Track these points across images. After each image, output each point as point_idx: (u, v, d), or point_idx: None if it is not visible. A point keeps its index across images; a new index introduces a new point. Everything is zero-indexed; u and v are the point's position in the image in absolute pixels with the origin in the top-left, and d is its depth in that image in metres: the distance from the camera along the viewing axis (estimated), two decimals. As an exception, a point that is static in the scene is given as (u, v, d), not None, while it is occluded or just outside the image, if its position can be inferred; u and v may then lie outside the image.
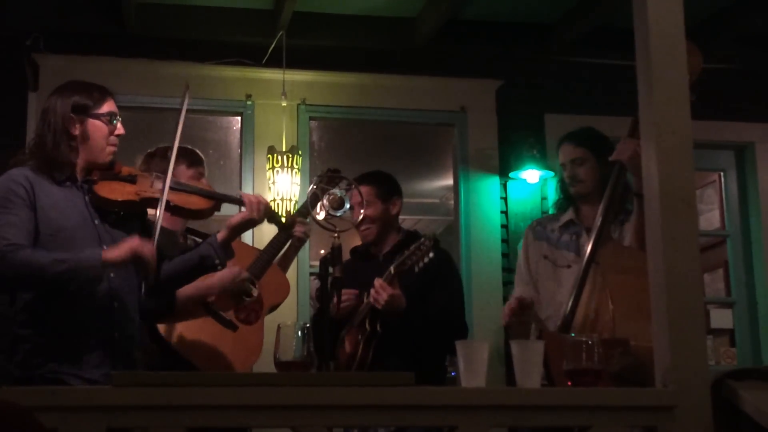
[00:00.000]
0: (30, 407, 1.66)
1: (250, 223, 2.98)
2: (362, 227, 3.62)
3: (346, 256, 4.04)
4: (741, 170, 5.52)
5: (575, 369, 2.23)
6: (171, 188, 2.85)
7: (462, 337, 2.98)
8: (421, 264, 3.31)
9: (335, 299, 2.98)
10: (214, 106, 5.07)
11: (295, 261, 4.43)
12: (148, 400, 2.03)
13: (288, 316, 4.52)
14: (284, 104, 4.89)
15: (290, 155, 4.77)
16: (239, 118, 5.09)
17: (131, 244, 2.67)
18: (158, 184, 2.86)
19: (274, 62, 4.88)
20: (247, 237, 4.60)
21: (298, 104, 5.03)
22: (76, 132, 2.76)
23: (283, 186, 4.73)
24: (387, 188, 3.68)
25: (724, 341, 5.65)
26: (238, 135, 5.16)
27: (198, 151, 3.60)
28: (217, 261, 2.89)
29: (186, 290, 3.12)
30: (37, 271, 2.59)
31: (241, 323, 3.42)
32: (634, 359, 2.74)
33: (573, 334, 2.97)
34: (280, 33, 4.83)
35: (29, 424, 1.59)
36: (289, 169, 4.74)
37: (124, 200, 2.82)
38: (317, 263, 3.04)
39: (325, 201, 3.52)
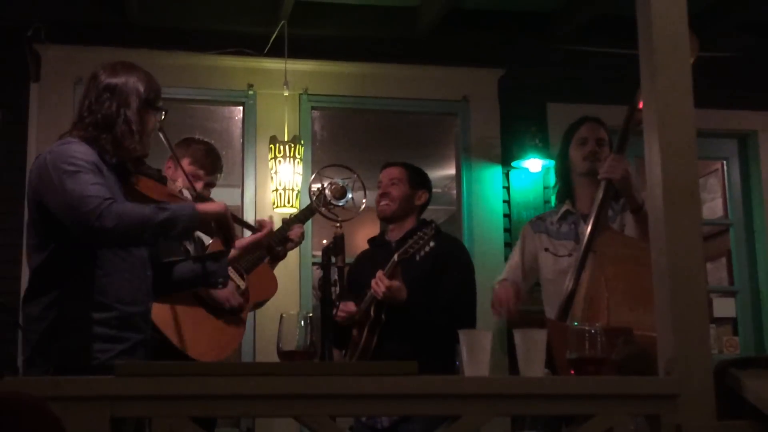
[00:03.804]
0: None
1: (258, 246, 3.04)
2: (382, 202, 3.67)
3: (356, 246, 4.05)
4: (744, 159, 5.51)
5: (578, 358, 2.23)
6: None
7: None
8: (422, 253, 3.34)
9: (337, 289, 2.98)
10: (215, 96, 5.07)
11: (297, 251, 4.44)
12: (152, 389, 2.03)
13: (290, 306, 4.53)
14: (286, 94, 4.89)
15: (292, 145, 4.77)
16: (241, 107, 5.08)
17: (220, 205, 2.65)
18: (186, 193, 2.93)
19: (276, 52, 4.86)
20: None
21: (300, 94, 5.02)
22: (141, 122, 2.65)
23: (285, 176, 4.74)
24: (418, 178, 3.74)
25: (726, 330, 5.64)
26: (240, 125, 5.16)
27: (218, 160, 3.66)
28: (220, 281, 2.89)
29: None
30: (143, 219, 2.47)
31: (224, 315, 3.42)
32: (637, 348, 2.74)
33: (576, 324, 2.97)
34: (282, 22, 4.82)
35: (45, 415, 1.58)
36: (291, 159, 4.75)
37: (160, 201, 2.78)
38: (319, 253, 3.05)
39: (327, 191, 3.54)
